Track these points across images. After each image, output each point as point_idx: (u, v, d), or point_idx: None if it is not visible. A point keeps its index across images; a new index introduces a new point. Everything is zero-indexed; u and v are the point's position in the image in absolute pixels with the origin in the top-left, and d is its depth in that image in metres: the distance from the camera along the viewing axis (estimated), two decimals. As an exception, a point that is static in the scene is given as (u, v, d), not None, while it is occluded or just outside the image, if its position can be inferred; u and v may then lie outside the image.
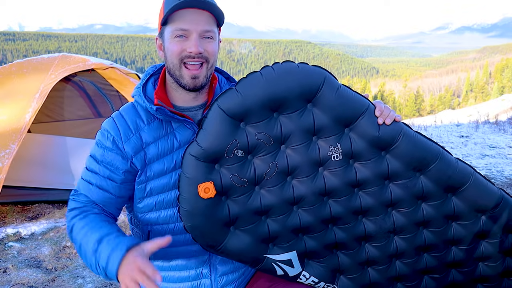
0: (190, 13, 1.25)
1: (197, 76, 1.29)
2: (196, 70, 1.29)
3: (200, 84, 1.31)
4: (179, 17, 1.26)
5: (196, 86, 1.31)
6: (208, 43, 1.29)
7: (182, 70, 1.29)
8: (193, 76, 1.29)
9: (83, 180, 1.37)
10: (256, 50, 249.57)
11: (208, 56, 1.29)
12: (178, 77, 1.30)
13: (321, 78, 1.26)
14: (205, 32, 1.28)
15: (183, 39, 1.27)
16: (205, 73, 1.31)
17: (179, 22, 1.26)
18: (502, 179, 4.92)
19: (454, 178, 1.36)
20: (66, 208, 4.37)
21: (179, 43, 1.27)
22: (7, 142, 3.66)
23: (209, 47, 1.29)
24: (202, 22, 1.27)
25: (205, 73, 1.31)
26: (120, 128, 1.32)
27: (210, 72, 1.33)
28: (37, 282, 2.82)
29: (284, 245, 1.36)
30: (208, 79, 1.34)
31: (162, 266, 1.42)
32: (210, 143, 1.23)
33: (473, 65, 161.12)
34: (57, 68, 4.03)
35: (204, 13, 1.27)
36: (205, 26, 1.27)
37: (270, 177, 1.29)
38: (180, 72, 1.29)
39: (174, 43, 1.27)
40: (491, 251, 1.45)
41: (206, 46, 1.28)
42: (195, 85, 1.31)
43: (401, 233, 1.41)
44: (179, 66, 1.29)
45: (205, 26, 1.27)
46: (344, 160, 1.32)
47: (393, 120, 1.31)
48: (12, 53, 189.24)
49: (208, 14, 1.28)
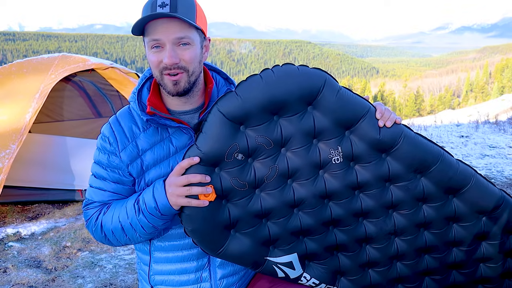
0: (161, 23, 1.22)
1: (178, 81, 1.27)
2: (175, 76, 1.26)
3: (182, 90, 1.28)
4: (152, 28, 1.23)
5: (178, 91, 1.28)
6: (185, 50, 1.25)
7: (164, 79, 1.28)
8: (174, 82, 1.27)
9: (93, 188, 1.39)
10: (256, 50, 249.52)
11: (185, 65, 1.26)
12: (163, 85, 1.30)
13: (322, 81, 1.25)
14: (178, 39, 1.24)
15: (159, 50, 1.25)
16: (185, 79, 1.27)
17: (152, 33, 1.24)
18: (502, 179, 4.91)
19: (455, 180, 1.36)
20: (66, 208, 4.36)
21: (155, 54, 1.25)
22: (7, 142, 3.66)
23: (186, 55, 1.25)
24: (173, 30, 1.23)
25: (185, 79, 1.27)
26: (117, 135, 1.34)
27: (194, 78, 1.30)
28: (37, 282, 2.82)
29: (284, 247, 1.35)
30: (192, 85, 1.30)
31: (162, 270, 1.42)
32: (210, 146, 1.22)
33: (473, 65, 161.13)
34: (57, 68, 4.03)
35: (176, 21, 1.23)
36: (177, 33, 1.23)
37: (271, 180, 1.29)
38: (163, 81, 1.29)
39: (151, 54, 1.26)
40: (492, 252, 1.45)
41: (182, 54, 1.25)
42: (177, 90, 1.28)
43: (402, 235, 1.41)
44: (161, 77, 1.28)
45: (177, 34, 1.23)
46: (345, 162, 1.31)
47: (393, 122, 1.31)
48: (12, 53, 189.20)
49: (180, 20, 1.23)
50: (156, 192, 1.24)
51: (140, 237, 1.32)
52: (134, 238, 1.33)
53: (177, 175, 1.22)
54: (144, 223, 1.27)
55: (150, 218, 1.26)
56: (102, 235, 1.35)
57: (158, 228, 1.30)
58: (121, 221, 1.30)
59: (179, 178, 1.22)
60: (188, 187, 1.21)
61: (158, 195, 1.24)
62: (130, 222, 1.28)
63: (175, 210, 1.24)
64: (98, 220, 1.35)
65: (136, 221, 1.28)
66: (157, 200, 1.24)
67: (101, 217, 1.35)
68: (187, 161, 1.21)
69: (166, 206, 1.23)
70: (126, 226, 1.29)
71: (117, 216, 1.31)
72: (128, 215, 1.29)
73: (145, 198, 1.26)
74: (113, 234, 1.33)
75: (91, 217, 1.37)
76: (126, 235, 1.32)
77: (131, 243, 1.37)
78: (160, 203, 1.23)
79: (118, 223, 1.30)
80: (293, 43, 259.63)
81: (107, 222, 1.33)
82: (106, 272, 2.95)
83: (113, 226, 1.31)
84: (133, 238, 1.32)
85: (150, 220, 1.26)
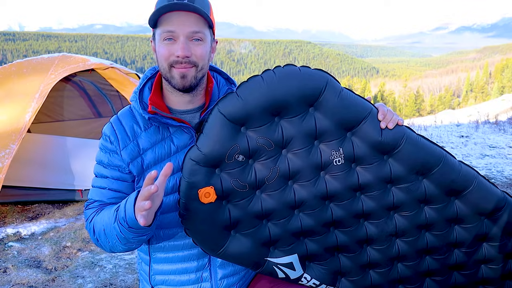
0: (177, 15, 1.23)
1: (186, 74, 1.26)
2: (184, 68, 1.26)
3: (189, 84, 1.28)
4: (166, 20, 1.24)
5: (185, 85, 1.28)
6: (197, 46, 1.26)
7: (172, 72, 1.27)
8: (182, 74, 1.26)
9: (94, 187, 1.38)
10: (256, 50, 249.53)
11: (196, 60, 1.26)
12: (169, 78, 1.29)
13: (323, 82, 1.25)
14: (193, 33, 1.25)
15: (171, 42, 1.25)
16: (193, 74, 1.28)
17: (166, 24, 1.24)
18: (502, 179, 4.91)
19: (457, 182, 1.35)
20: (66, 208, 4.35)
21: (167, 47, 1.25)
22: (7, 142, 3.66)
23: (198, 50, 1.26)
24: (189, 24, 1.24)
25: (193, 74, 1.28)
26: (118, 134, 1.34)
27: (201, 74, 1.31)
28: (37, 282, 2.81)
29: (285, 248, 1.35)
30: (198, 81, 1.31)
31: (162, 269, 1.42)
32: (211, 148, 1.22)
33: (473, 65, 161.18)
34: (57, 68, 4.02)
35: (192, 15, 1.24)
36: (193, 27, 1.24)
37: (271, 182, 1.28)
38: (170, 74, 1.28)
39: (162, 46, 1.26)
40: (493, 254, 1.44)
41: (194, 49, 1.25)
42: (184, 84, 1.28)
43: (403, 236, 1.41)
44: (169, 70, 1.28)
45: (192, 28, 1.24)
46: (346, 164, 1.31)
47: (395, 124, 1.30)
48: (12, 53, 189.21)
49: (197, 15, 1.25)
50: (128, 203, 1.17)
51: (118, 246, 1.25)
52: (115, 246, 1.26)
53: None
54: (117, 231, 1.21)
55: (121, 228, 1.20)
56: (94, 237, 1.32)
57: (130, 241, 1.22)
58: (103, 224, 1.26)
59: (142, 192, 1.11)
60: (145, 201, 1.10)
61: (129, 206, 1.16)
62: (109, 227, 1.23)
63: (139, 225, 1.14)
64: (92, 221, 1.33)
65: (111, 227, 1.22)
66: (126, 211, 1.17)
67: (94, 218, 1.32)
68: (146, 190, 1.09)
69: (132, 218, 1.15)
70: (107, 230, 1.25)
71: (102, 219, 1.27)
72: (108, 219, 1.24)
73: (121, 206, 1.20)
74: (100, 238, 1.29)
75: (88, 217, 1.36)
76: (109, 241, 1.27)
77: (117, 251, 1.30)
78: (128, 215, 1.16)
79: (102, 226, 1.27)
80: (293, 43, 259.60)
81: (97, 224, 1.30)
82: (106, 272, 2.95)
83: (99, 229, 1.28)
84: (113, 245, 1.26)
85: (121, 230, 1.20)
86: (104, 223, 1.26)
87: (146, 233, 1.22)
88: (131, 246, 1.27)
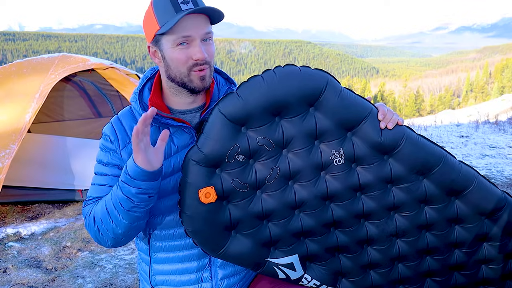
0: (191, 19, 1.23)
1: (204, 76, 1.29)
2: (203, 72, 1.28)
3: (207, 84, 1.31)
4: (181, 25, 1.23)
5: (205, 86, 1.30)
6: (209, 45, 1.28)
7: (192, 76, 1.28)
8: (202, 77, 1.28)
9: (93, 185, 1.38)
10: (256, 50, 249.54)
11: (210, 60, 1.29)
12: (187, 82, 1.29)
13: (324, 82, 1.25)
14: (205, 34, 1.27)
15: (186, 46, 1.25)
16: (209, 74, 1.31)
17: (181, 30, 1.23)
18: (502, 179, 4.91)
19: (458, 182, 1.35)
20: (66, 208, 4.35)
21: (183, 51, 1.25)
22: (7, 142, 3.66)
23: (209, 49, 1.28)
24: (202, 26, 1.25)
25: (209, 73, 1.31)
26: (119, 134, 1.34)
27: (212, 72, 1.34)
28: (37, 282, 2.81)
29: (285, 248, 1.35)
30: (211, 79, 1.34)
31: (163, 270, 1.42)
32: (211, 148, 1.22)
33: (473, 65, 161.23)
34: (57, 68, 4.02)
35: (202, 16, 1.26)
36: (205, 28, 1.26)
37: (272, 182, 1.28)
38: (189, 78, 1.28)
39: (178, 51, 1.25)
40: (493, 254, 1.44)
41: (207, 49, 1.27)
42: (204, 85, 1.30)
43: (404, 237, 1.41)
44: (188, 74, 1.27)
45: (205, 29, 1.26)
46: (347, 164, 1.31)
47: (395, 124, 1.30)
48: (12, 53, 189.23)
49: (204, 15, 1.26)
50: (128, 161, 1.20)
51: (123, 219, 1.23)
52: (119, 223, 1.24)
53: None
54: (120, 196, 1.20)
55: (124, 188, 1.19)
56: (95, 229, 1.30)
57: (133, 202, 1.20)
58: (106, 204, 1.25)
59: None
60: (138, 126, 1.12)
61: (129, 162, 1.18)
62: (112, 201, 1.23)
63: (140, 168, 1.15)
64: (92, 212, 1.31)
65: (115, 197, 1.22)
66: (126, 165, 1.19)
67: (94, 208, 1.31)
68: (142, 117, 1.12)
69: (132, 165, 1.16)
70: (110, 208, 1.24)
71: (102, 202, 1.28)
72: (111, 195, 1.24)
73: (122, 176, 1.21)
74: (102, 223, 1.27)
75: (87, 213, 1.34)
76: (112, 220, 1.24)
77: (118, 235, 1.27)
78: (129, 165, 1.18)
79: (105, 207, 1.26)
80: (293, 43, 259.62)
81: (98, 212, 1.28)
82: (106, 272, 2.95)
83: (101, 214, 1.27)
84: (117, 222, 1.24)
85: (125, 191, 1.19)
86: (107, 202, 1.25)
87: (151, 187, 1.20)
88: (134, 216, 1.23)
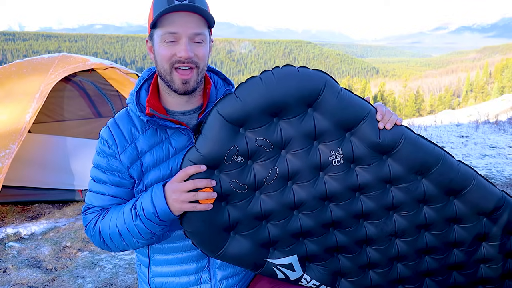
0: (180, 16, 1.23)
1: (188, 81, 1.28)
2: (186, 75, 1.27)
3: (190, 89, 1.30)
4: (169, 21, 1.23)
5: (186, 90, 1.29)
6: (198, 47, 1.27)
7: (173, 75, 1.27)
8: (184, 81, 1.27)
9: (92, 192, 1.38)
10: (256, 50, 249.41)
11: (198, 61, 1.27)
12: (169, 81, 1.29)
13: (322, 82, 1.25)
14: (195, 35, 1.25)
15: (173, 44, 1.25)
16: (195, 78, 1.29)
17: (168, 25, 1.23)
18: (502, 179, 4.91)
19: (456, 181, 1.35)
20: (66, 208, 4.35)
21: (168, 48, 1.25)
22: (7, 142, 3.66)
23: (199, 51, 1.27)
24: (192, 25, 1.24)
25: (195, 77, 1.29)
26: (116, 138, 1.33)
27: (201, 76, 1.32)
28: (37, 282, 2.81)
29: (284, 249, 1.35)
30: (199, 83, 1.32)
31: (161, 272, 1.42)
32: (210, 149, 1.22)
33: (473, 65, 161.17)
34: (57, 68, 4.02)
35: (194, 16, 1.25)
36: (195, 29, 1.25)
37: (271, 183, 1.28)
38: (171, 77, 1.28)
39: (163, 47, 1.25)
40: (492, 253, 1.44)
41: (196, 50, 1.26)
42: (186, 89, 1.29)
43: (403, 236, 1.41)
44: (170, 71, 1.27)
45: (195, 29, 1.25)
46: (345, 164, 1.31)
47: (393, 124, 1.30)
48: (12, 53, 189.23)
49: (198, 16, 1.25)
50: (155, 198, 1.22)
51: (138, 243, 1.30)
52: (132, 244, 1.30)
53: (181, 180, 1.20)
54: (141, 228, 1.25)
55: (148, 224, 1.24)
56: (100, 241, 1.34)
57: (155, 234, 1.28)
58: (118, 226, 1.28)
59: (184, 184, 1.19)
60: (193, 193, 1.19)
61: (157, 200, 1.21)
62: (127, 227, 1.26)
63: (174, 215, 1.22)
64: (97, 225, 1.33)
65: (133, 226, 1.25)
66: (156, 206, 1.21)
67: (99, 222, 1.33)
68: (193, 168, 1.19)
69: (166, 212, 1.21)
70: (123, 231, 1.28)
71: (114, 221, 1.29)
72: (125, 220, 1.27)
73: (143, 203, 1.24)
74: (111, 240, 1.31)
75: (90, 222, 1.36)
76: (124, 241, 1.30)
77: (129, 249, 1.35)
78: (160, 209, 1.21)
79: (116, 228, 1.28)
80: (293, 43, 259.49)
81: (105, 227, 1.31)
82: (106, 272, 2.95)
83: (110, 231, 1.30)
84: (130, 243, 1.30)
85: (148, 226, 1.24)
86: (119, 224, 1.27)
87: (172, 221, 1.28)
88: (152, 240, 1.31)
